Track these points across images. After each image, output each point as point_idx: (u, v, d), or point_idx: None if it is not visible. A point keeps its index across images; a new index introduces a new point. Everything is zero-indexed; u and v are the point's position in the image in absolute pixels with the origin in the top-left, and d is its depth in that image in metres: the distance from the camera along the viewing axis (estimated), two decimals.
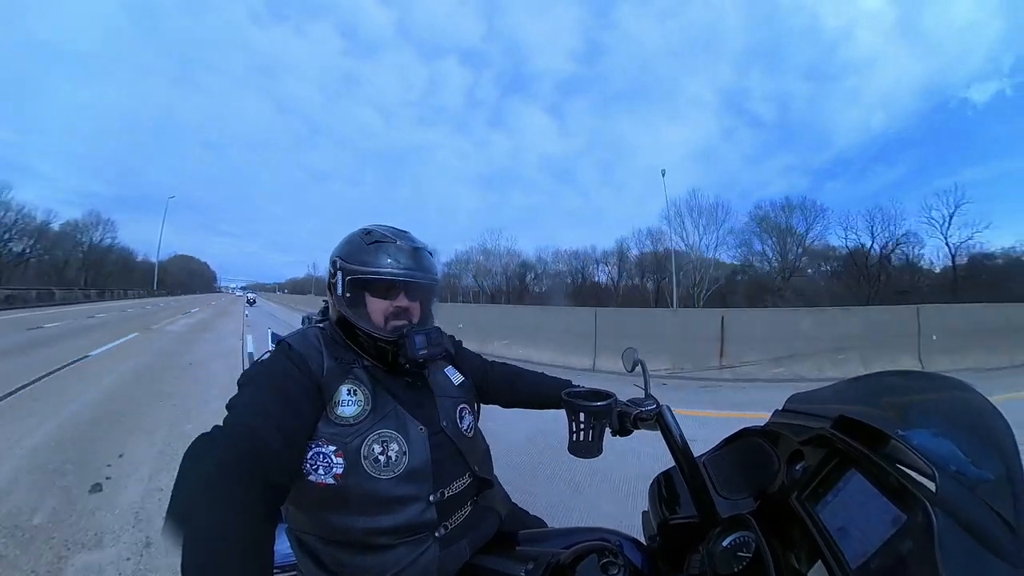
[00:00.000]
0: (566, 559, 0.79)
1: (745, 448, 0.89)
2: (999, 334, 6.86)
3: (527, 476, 2.79)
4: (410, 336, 0.90)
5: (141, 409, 4.33)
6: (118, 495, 2.57)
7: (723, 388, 5.97)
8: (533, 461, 3.04)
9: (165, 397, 4.83)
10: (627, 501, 2.35)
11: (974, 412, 0.54)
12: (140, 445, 3.36)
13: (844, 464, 0.66)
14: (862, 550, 0.53)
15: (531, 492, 2.50)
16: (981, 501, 0.46)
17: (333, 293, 0.95)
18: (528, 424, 3.42)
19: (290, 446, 0.74)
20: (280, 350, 0.87)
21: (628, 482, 2.61)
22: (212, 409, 4.31)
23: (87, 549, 2.05)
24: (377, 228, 0.97)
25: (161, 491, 2.60)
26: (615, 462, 2.79)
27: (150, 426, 3.81)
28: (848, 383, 0.78)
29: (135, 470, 2.90)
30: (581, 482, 2.69)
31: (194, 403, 4.61)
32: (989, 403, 0.52)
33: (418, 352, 0.89)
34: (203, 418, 3.96)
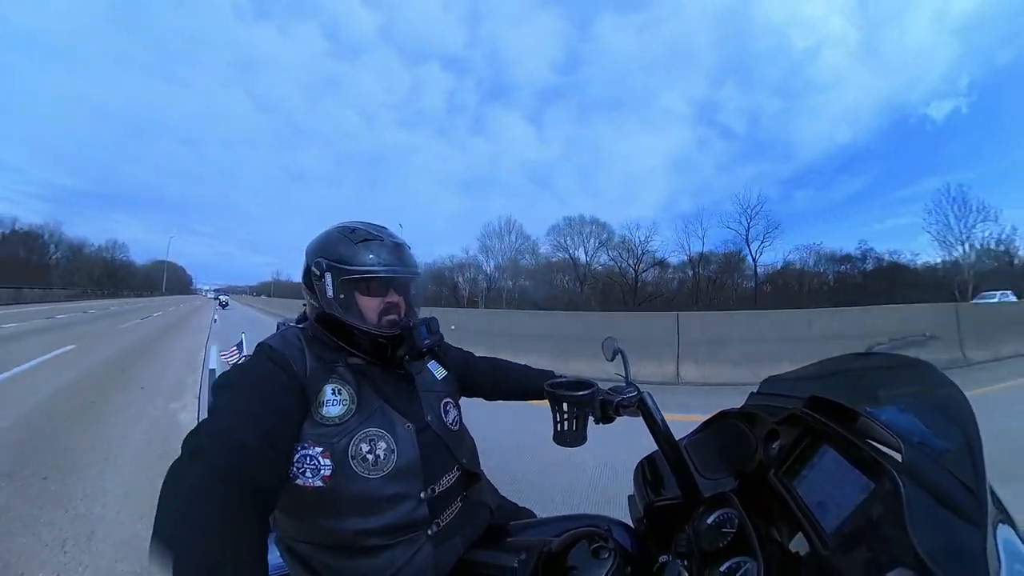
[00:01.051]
0: (558, 547, 0.81)
1: (723, 430, 0.93)
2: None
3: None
4: (416, 327, 0.91)
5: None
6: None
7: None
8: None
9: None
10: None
11: (934, 388, 0.58)
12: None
13: (817, 441, 0.70)
14: (837, 518, 0.58)
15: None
16: (943, 468, 0.50)
17: (318, 293, 0.92)
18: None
19: (276, 450, 0.72)
20: (261, 352, 0.84)
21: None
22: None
23: None
24: (359, 225, 0.96)
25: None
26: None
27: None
28: (818, 365, 0.83)
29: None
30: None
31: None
32: (948, 380, 0.57)
33: (423, 342, 0.91)
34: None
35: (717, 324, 6.14)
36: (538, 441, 3.12)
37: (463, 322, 8.34)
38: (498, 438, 3.20)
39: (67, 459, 3.06)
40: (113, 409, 4.31)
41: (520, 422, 3.47)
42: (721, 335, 5.79)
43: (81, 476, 2.80)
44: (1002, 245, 32.35)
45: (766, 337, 5.68)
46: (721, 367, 5.56)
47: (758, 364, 5.23)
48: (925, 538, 0.45)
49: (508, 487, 1.12)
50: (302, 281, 0.96)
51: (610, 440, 1.40)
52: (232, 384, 0.77)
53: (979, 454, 0.47)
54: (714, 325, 6.06)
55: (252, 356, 0.84)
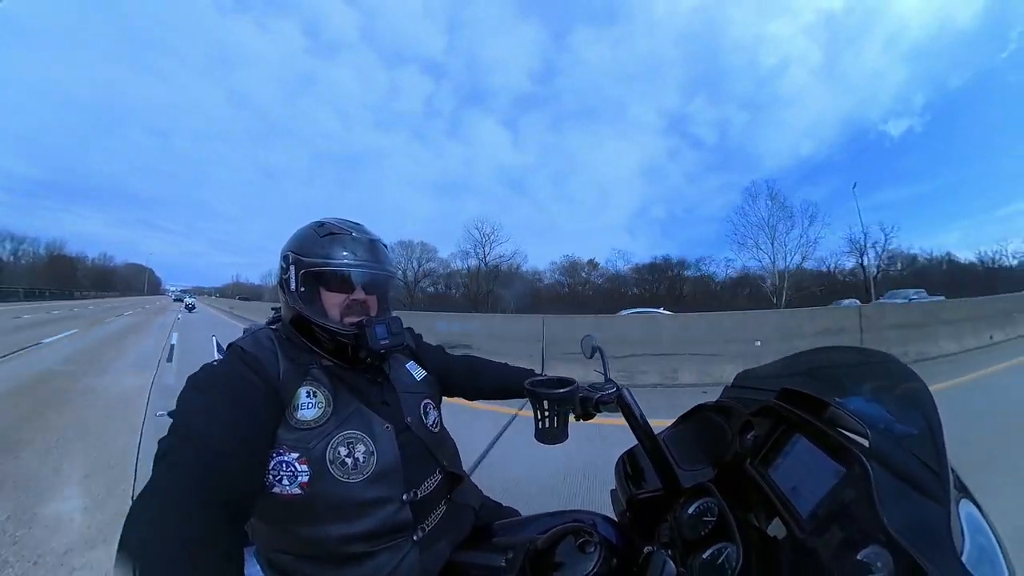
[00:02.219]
0: (544, 543, 0.81)
1: (700, 423, 0.97)
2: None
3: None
4: (370, 326, 0.87)
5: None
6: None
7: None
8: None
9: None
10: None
11: (897, 378, 0.63)
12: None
13: (790, 430, 0.75)
14: (811, 502, 0.61)
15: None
16: (908, 451, 0.54)
17: (286, 289, 0.89)
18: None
19: (252, 457, 0.68)
20: (232, 354, 0.80)
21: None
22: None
23: None
24: (330, 220, 0.92)
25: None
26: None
27: None
28: (788, 360, 0.88)
29: None
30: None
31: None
32: (909, 370, 0.62)
33: (379, 342, 0.86)
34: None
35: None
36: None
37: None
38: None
39: None
40: None
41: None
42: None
43: None
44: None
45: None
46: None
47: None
48: (894, 516, 0.49)
49: (490, 487, 1.12)
50: (278, 281, 0.92)
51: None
52: (204, 387, 0.73)
53: (940, 437, 0.51)
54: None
55: (223, 358, 0.80)
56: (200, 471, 0.60)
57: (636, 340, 5.59)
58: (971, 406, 3.76)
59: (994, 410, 3.67)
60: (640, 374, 5.33)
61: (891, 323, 6.31)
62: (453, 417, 1.15)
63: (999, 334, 6.90)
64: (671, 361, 5.30)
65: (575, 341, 1.31)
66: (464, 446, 1.09)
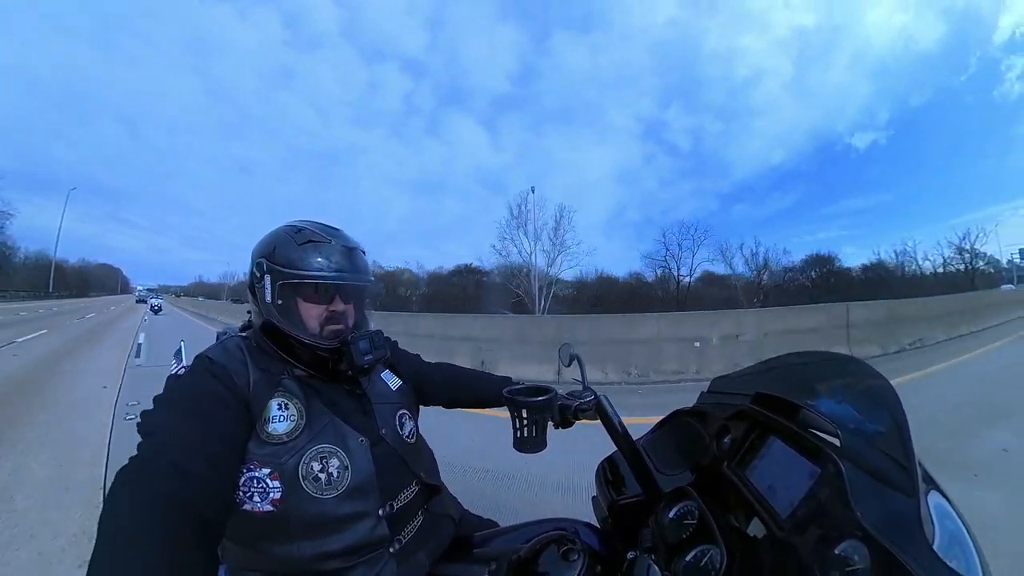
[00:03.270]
0: (527, 553, 0.80)
1: (678, 428, 0.99)
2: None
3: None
4: (355, 342, 0.85)
5: None
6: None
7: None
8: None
9: None
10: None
11: (864, 379, 0.67)
12: None
13: (764, 433, 0.77)
14: (789, 502, 0.63)
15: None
16: (878, 449, 0.57)
17: (259, 298, 0.85)
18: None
19: (221, 475, 0.65)
20: (200, 364, 0.76)
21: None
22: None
23: None
24: (308, 225, 0.89)
25: None
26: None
27: None
28: (761, 366, 0.92)
29: None
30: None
31: None
32: (875, 371, 0.66)
33: (363, 358, 0.85)
34: None
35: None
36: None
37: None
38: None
39: None
40: None
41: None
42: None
43: None
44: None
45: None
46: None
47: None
48: (868, 511, 0.52)
49: (468, 498, 1.10)
50: (248, 285, 0.88)
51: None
52: (170, 401, 0.68)
53: (907, 433, 0.55)
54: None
55: (190, 369, 0.76)
56: (167, 494, 0.56)
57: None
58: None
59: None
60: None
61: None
62: (428, 425, 1.13)
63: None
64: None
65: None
66: (440, 456, 1.06)
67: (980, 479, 2.62)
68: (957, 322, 8.69)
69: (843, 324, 7.11)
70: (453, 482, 1.09)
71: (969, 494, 2.38)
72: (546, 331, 6.88)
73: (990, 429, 3.49)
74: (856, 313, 7.23)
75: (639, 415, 3.53)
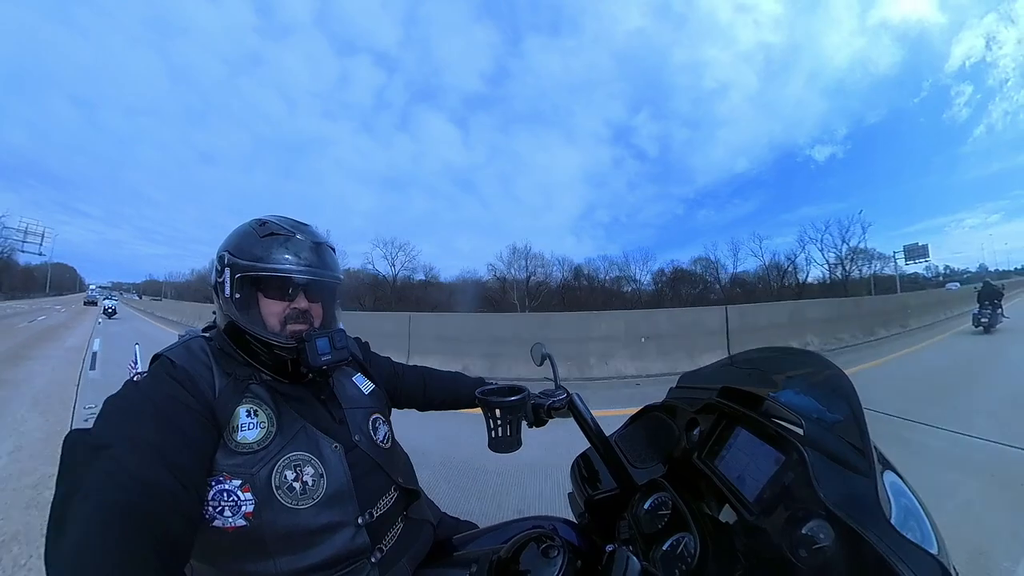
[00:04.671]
0: (507, 552, 0.80)
1: (649, 422, 1.03)
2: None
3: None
4: (310, 340, 0.79)
5: None
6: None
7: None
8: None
9: None
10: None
11: (822, 372, 0.73)
12: None
13: (731, 424, 0.82)
14: (757, 488, 0.68)
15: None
16: (837, 436, 0.63)
17: (220, 294, 0.80)
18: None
19: (187, 488, 0.59)
20: (160, 368, 0.70)
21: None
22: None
23: None
24: (273, 219, 0.85)
25: None
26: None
27: None
28: (726, 360, 0.97)
29: None
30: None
31: None
32: (833, 364, 0.72)
33: (320, 358, 0.79)
34: None
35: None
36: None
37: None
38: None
39: None
40: None
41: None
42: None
43: None
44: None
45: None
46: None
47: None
48: (830, 493, 0.56)
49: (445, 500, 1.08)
50: (211, 282, 0.83)
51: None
52: (126, 409, 0.62)
53: (862, 420, 0.60)
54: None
55: (150, 373, 0.70)
56: (124, 510, 0.51)
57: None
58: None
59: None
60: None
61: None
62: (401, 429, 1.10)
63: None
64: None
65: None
66: (416, 459, 1.04)
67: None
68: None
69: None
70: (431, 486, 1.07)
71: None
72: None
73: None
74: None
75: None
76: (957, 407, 4.06)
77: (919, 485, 0.60)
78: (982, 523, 2.12)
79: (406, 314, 8.90)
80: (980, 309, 10.07)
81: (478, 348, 6.83)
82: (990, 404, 4.16)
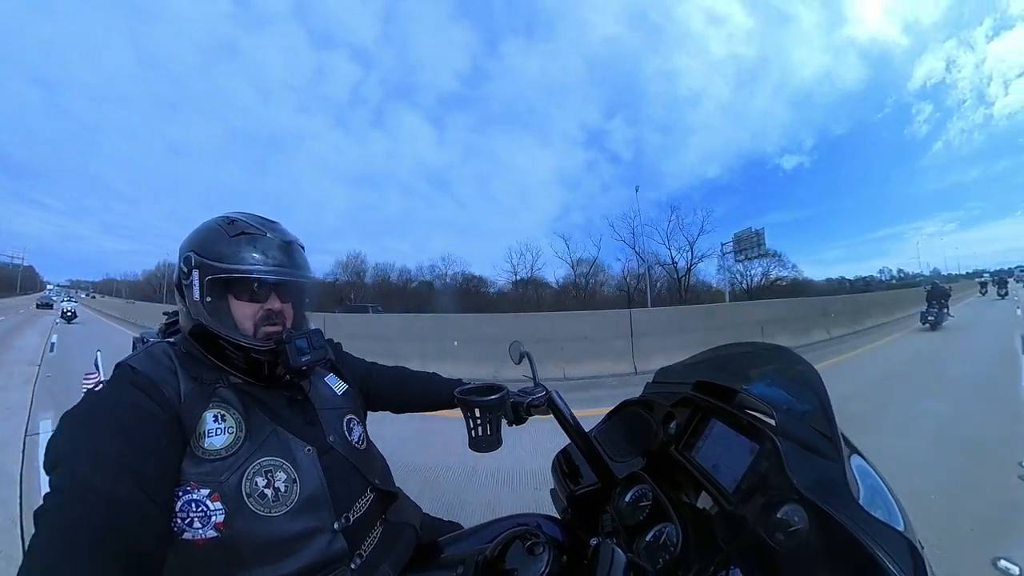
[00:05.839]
0: (492, 552, 0.80)
1: (626, 417, 1.06)
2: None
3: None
4: (291, 342, 0.78)
5: None
6: None
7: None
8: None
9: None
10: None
11: (793, 366, 0.77)
12: None
13: (706, 417, 0.86)
14: (733, 476, 0.71)
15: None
16: (807, 425, 0.67)
17: (187, 296, 0.75)
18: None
19: (154, 501, 0.56)
20: (121, 376, 0.65)
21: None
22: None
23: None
24: (241, 217, 0.81)
25: None
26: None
27: None
28: (700, 355, 1.01)
29: None
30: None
31: None
32: (800, 357, 0.76)
33: (300, 359, 0.78)
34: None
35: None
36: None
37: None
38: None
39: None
40: None
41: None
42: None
43: None
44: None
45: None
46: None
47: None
48: (802, 478, 0.60)
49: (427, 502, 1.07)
50: (175, 283, 0.78)
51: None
52: (89, 420, 0.58)
53: (830, 410, 0.64)
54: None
55: (111, 381, 0.65)
56: (92, 529, 0.48)
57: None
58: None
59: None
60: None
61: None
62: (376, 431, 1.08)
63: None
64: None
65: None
66: (394, 461, 1.02)
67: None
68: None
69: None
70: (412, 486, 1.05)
71: None
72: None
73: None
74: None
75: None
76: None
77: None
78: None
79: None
80: (928, 308, 10.68)
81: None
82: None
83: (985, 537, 1.99)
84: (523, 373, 1.20)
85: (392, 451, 1.05)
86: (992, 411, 3.90)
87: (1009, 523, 2.13)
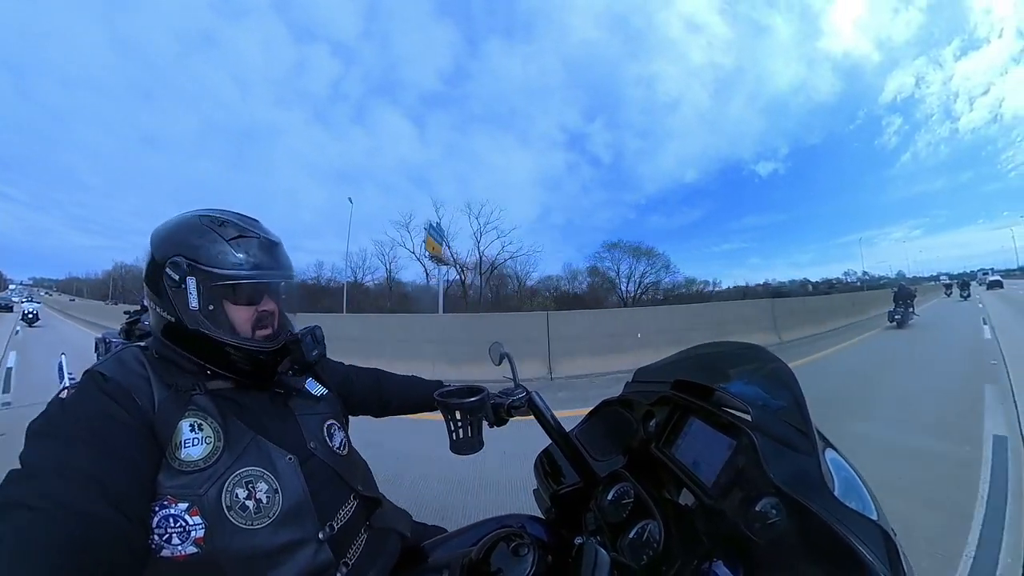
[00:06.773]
0: (478, 554, 0.80)
1: (607, 416, 1.08)
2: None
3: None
4: (304, 339, 0.84)
5: None
6: None
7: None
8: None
9: None
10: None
11: (768, 364, 0.81)
12: None
13: (685, 415, 0.88)
14: (712, 472, 0.74)
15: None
16: (782, 420, 0.70)
17: (174, 302, 0.71)
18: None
19: (129, 518, 0.53)
20: (90, 383, 0.61)
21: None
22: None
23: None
24: (230, 217, 0.79)
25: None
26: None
27: None
28: (678, 355, 1.04)
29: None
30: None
31: None
32: (777, 358, 0.79)
33: (312, 353, 0.84)
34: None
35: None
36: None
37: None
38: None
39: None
40: None
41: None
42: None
43: None
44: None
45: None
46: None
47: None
48: (779, 472, 0.63)
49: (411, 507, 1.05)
50: (145, 282, 0.73)
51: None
52: (54, 431, 0.54)
53: (804, 406, 0.67)
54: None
55: (79, 389, 0.61)
56: (61, 549, 0.44)
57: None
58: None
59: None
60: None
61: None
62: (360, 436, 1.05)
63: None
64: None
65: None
66: (376, 465, 1.00)
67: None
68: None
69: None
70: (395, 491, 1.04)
71: None
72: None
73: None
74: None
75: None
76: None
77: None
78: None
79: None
80: (895, 308, 11.30)
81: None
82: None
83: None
84: (503, 374, 1.20)
85: (373, 456, 1.02)
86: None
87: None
